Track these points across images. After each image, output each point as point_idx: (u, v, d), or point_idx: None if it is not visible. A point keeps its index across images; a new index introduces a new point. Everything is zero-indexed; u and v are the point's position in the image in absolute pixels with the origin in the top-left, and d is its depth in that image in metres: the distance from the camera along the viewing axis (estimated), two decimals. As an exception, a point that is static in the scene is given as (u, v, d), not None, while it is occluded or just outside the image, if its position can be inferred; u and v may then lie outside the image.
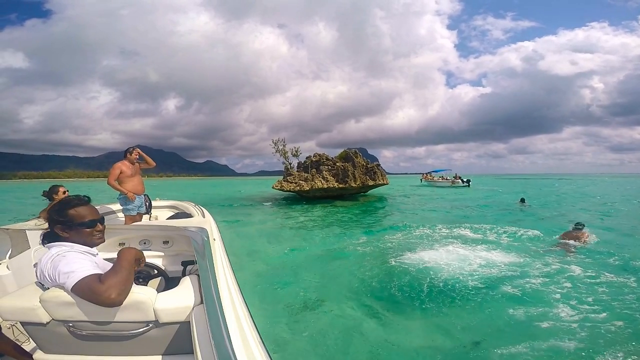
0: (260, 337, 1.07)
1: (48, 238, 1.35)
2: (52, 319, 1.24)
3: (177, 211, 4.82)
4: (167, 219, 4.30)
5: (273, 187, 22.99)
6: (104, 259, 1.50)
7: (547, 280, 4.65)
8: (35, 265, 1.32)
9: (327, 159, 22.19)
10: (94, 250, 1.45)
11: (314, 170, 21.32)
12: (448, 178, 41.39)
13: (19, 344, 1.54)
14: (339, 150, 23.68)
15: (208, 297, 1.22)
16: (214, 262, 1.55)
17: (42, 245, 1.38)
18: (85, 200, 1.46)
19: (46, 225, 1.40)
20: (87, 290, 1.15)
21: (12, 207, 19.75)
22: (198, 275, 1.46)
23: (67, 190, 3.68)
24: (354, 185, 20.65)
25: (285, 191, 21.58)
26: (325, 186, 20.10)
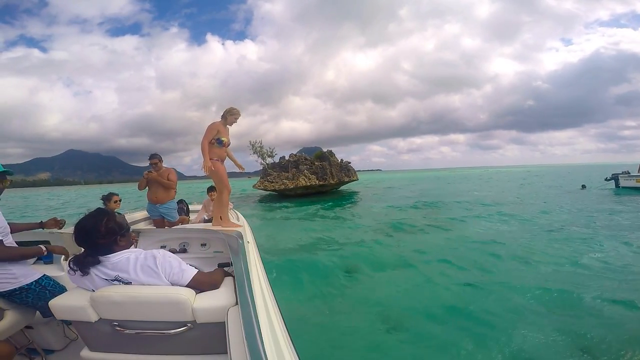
0: (291, 340, 1.10)
1: (106, 251, 1.36)
2: (100, 317, 1.31)
3: (212, 215, 5.19)
4: (204, 222, 4.43)
5: (254, 187, 24.05)
6: None
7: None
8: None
9: (306, 158, 24.17)
10: None
11: (294, 169, 23.00)
12: None
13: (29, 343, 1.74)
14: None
15: (243, 298, 1.24)
16: (248, 264, 1.62)
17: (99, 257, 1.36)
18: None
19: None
20: (207, 281, 1.43)
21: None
22: (233, 277, 1.52)
23: (121, 199, 3.85)
24: (332, 182, 22.93)
25: (268, 190, 22.86)
26: (308, 184, 21.97)
